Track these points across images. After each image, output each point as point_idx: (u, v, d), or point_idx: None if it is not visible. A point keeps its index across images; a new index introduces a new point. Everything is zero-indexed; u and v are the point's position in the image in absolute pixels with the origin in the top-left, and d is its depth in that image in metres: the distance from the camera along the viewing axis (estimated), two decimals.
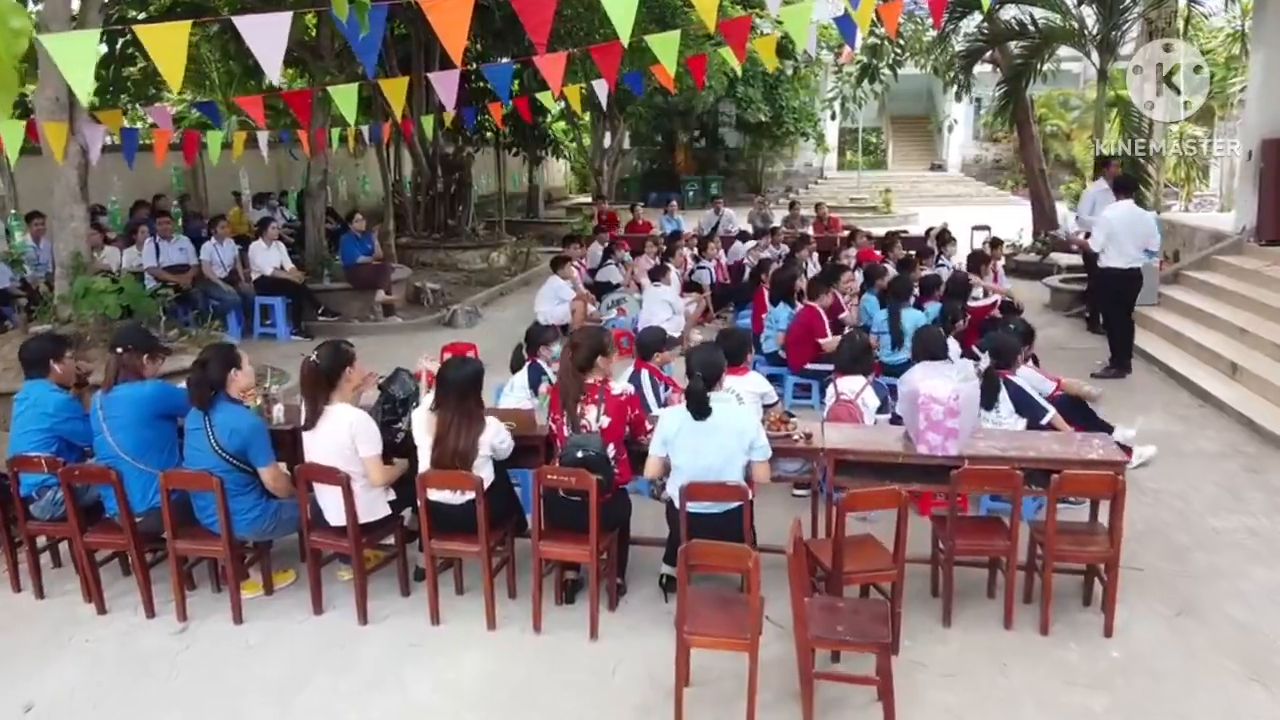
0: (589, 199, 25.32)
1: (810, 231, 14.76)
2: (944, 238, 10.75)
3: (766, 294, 8.56)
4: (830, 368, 7.37)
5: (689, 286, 10.93)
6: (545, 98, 8.23)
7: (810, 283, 7.77)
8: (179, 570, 4.35)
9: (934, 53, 16.44)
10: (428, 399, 4.38)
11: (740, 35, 6.98)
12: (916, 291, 7.86)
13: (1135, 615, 4.30)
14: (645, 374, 5.65)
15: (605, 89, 7.60)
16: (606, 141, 23.68)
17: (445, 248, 15.22)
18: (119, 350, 4.37)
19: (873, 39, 14.39)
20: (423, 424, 4.23)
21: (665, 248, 11.78)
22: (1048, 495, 3.98)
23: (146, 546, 4.45)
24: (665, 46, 6.48)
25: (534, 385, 5.71)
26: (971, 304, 8.07)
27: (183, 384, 4.36)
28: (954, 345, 6.46)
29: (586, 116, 22.96)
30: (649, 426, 4.39)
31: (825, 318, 7.45)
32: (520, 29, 14.36)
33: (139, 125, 14.62)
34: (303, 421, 4.22)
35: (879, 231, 14.02)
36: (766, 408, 5.32)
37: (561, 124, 24.09)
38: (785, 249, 12.43)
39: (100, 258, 10.54)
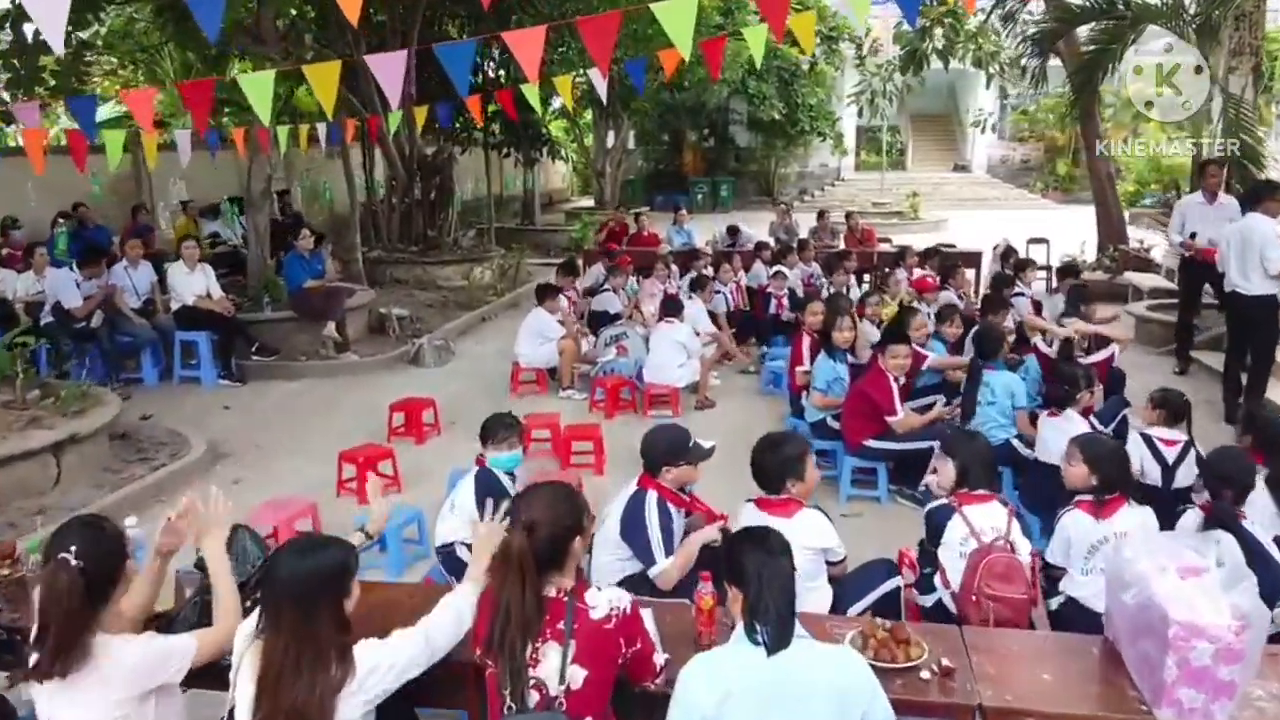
0: (591, 202, 23.46)
1: (842, 244, 12.91)
2: (1018, 260, 8.78)
3: (806, 341, 6.67)
4: (903, 445, 5.55)
5: None
6: (531, 92, 6.39)
7: (886, 336, 5.83)
8: None
9: (981, 41, 14.48)
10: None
11: (780, 5, 5.19)
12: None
13: None
14: (652, 498, 3.60)
15: (601, 78, 5.80)
16: (610, 141, 21.84)
17: (423, 263, 13.33)
18: None
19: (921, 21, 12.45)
20: (244, 656, 2.33)
21: (682, 270, 9.99)
22: None
23: None
24: (678, 18, 4.71)
25: (484, 501, 3.81)
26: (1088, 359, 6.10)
27: None
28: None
29: (588, 114, 21.11)
30: (659, 664, 2.48)
31: (894, 384, 5.54)
32: (505, 10, 12.58)
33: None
34: (30, 662, 2.33)
35: (905, 241, 12.25)
36: (830, 564, 3.46)
37: (561, 122, 22.21)
38: (816, 268, 10.61)
39: None
